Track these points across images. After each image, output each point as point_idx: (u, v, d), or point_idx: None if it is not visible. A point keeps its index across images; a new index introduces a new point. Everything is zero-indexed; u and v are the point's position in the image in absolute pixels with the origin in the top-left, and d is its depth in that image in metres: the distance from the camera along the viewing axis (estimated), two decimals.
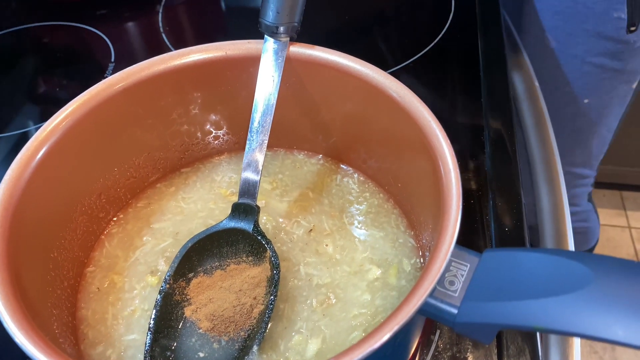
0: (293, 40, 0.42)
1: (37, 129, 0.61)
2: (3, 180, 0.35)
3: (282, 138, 0.49)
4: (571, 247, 0.53)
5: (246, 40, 0.43)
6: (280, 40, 0.41)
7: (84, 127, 0.39)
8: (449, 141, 0.35)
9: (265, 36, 0.41)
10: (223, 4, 0.82)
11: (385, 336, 0.27)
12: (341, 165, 0.48)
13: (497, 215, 0.45)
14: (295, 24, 0.41)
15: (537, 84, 0.70)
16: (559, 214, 0.55)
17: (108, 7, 0.73)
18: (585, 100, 0.79)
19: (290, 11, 0.40)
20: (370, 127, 0.43)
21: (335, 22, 0.70)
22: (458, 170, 0.33)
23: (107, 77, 0.64)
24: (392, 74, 0.61)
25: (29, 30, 0.72)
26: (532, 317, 0.25)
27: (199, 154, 0.49)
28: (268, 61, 0.41)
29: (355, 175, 0.48)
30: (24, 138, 0.59)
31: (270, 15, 0.40)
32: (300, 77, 0.43)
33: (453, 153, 0.34)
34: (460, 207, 0.31)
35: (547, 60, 0.77)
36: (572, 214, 0.95)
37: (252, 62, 0.42)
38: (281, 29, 0.40)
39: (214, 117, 0.47)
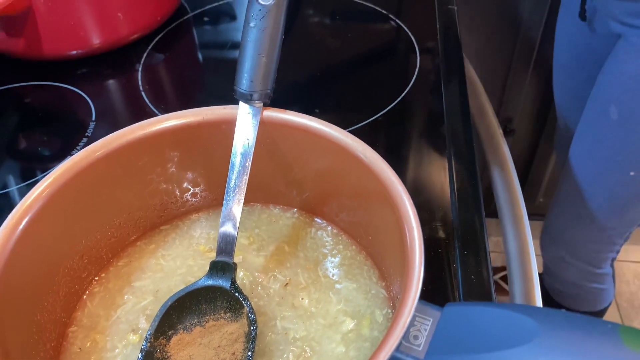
0: (266, 105, 0.45)
1: (18, 188, 0.62)
2: None
3: (258, 193, 0.51)
4: (537, 289, 0.55)
5: (222, 106, 0.45)
6: (255, 106, 0.44)
7: (67, 193, 0.41)
8: (411, 201, 0.37)
9: (240, 102, 0.44)
10: (200, 57, 0.85)
11: None
12: (315, 219, 0.51)
13: (464, 264, 0.48)
14: (268, 91, 0.44)
15: (500, 130, 0.74)
16: (524, 257, 0.57)
17: (88, 66, 0.76)
18: (631, 173, 0.81)
19: (263, 80, 0.43)
20: (340, 184, 0.46)
21: (305, 79, 0.74)
22: (420, 229, 0.35)
23: (88, 135, 0.67)
24: (362, 128, 0.65)
25: (11, 91, 0.74)
26: None
27: (177, 211, 0.51)
28: (243, 125, 0.44)
29: (329, 228, 0.50)
30: (5, 197, 0.60)
31: (244, 84, 0.43)
32: (273, 138, 0.46)
33: (415, 212, 0.37)
34: (423, 265, 0.34)
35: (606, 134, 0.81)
36: (591, 275, 0.98)
37: (227, 124, 0.45)
38: (255, 95, 0.43)
39: (191, 175, 0.50)
